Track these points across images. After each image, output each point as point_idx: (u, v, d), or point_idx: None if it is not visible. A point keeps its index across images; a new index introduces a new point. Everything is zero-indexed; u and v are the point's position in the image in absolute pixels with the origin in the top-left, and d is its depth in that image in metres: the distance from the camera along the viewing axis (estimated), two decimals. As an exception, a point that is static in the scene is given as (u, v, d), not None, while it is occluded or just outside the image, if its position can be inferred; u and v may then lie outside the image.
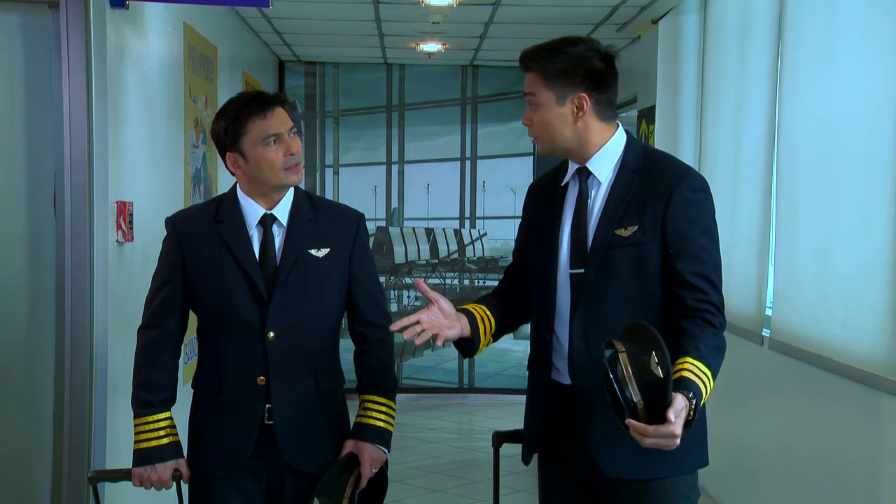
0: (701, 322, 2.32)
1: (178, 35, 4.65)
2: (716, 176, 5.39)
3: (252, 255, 2.65)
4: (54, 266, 3.50)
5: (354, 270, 2.74)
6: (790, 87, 4.34)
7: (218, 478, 2.69)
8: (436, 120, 8.21)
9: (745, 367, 4.82)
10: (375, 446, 2.71)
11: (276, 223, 2.68)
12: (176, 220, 2.78)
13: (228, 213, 2.69)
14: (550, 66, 2.40)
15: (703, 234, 2.39)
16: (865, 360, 3.55)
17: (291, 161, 2.62)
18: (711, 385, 2.25)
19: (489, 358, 8.10)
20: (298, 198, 2.73)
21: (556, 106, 2.41)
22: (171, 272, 2.71)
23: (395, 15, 6.17)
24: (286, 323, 2.64)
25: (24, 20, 3.49)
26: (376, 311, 2.79)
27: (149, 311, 2.75)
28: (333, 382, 2.75)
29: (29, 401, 3.53)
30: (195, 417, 2.76)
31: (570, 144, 2.45)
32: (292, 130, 2.65)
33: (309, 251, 2.68)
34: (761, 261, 4.68)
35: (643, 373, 2.14)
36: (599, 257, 2.40)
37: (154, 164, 4.31)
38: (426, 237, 8.25)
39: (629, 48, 6.99)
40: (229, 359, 2.67)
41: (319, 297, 2.69)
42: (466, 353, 2.59)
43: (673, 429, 2.09)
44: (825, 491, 3.88)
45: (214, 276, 2.66)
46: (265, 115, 2.61)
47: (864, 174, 3.62)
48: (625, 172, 2.44)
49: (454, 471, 6.07)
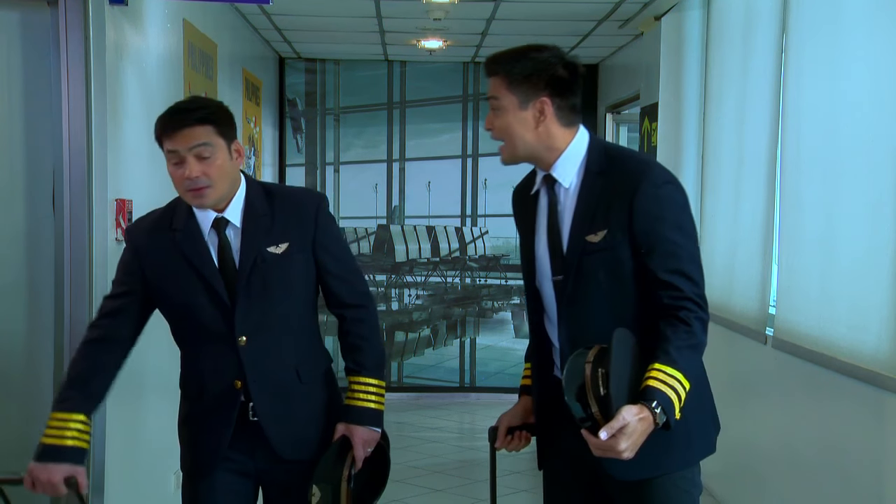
0: (674, 321, 2.32)
1: (178, 32, 4.63)
2: (719, 173, 5.37)
3: (210, 263, 2.60)
4: (53, 264, 3.49)
5: (321, 258, 2.67)
6: (794, 84, 4.32)
7: (202, 476, 2.68)
8: (437, 117, 8.19)
9: (749, 366, 4.80)
10: (366, 428, 2.68)
11: (229, 226, 2.62)
12: (132, 232, 2.74)
13: (182, 221, 2.64)
14: (515, 70, 2.42)
15: (673, 228, 2.37)
16: (870, 359, 3.53)
17: (190, 185, 2.54)
18: (685, 385, 2.28)
19: (490, 357, 8.09)
20: (252, 194, 2.65)
21: (518, 110, 2.43)
22: (129, 283, 2.66)
23: (396, 11, 6.15)
24: (255, 326, 2.61)
25: (22, 17, 3.48)
26: (352, 293, 2.73)
27: (103, 310, 2.70)
28: (317, 370, 2.73)
29: (28, 398, 3.53)
30: (182, 417, 2.76)
31: (532, 150, 2.46)
32: (200, 149, 2.52)
33: (267, 249, 2.61)
34: (765, 259, 4.66)
35: (596, 386, 2.23)
36: (575, 265, 2.42)
37: (153, 161, 4.28)
38: (427, 235, 8.23)
39: (632, 45, 6.97)
40: (205, 365, 2.65)
41: (285, 295, 2.64)
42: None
43: (606, 444, 2.19)
44: (829, 490, 3.86)
45: (176, 288, 2.62)
46: (172, 132, 2.55)
47: (868, 171, 3.60)
48: (589, 176, 2.44)
49: (455, 470, 6.06)
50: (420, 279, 8.14)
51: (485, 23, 6.49)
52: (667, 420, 2.24)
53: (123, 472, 3.80)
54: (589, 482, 2.54)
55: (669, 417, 2.24)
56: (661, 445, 2.35)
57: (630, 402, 2.24)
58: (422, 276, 8.16)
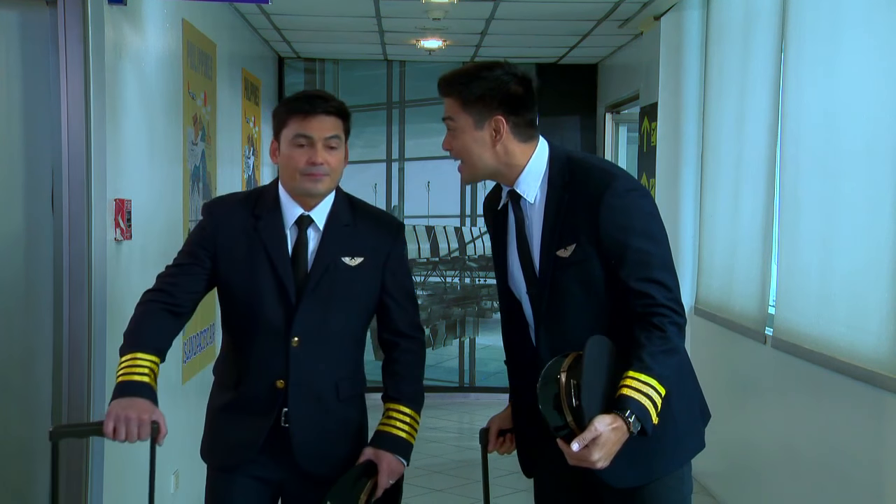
0: (649, 327, 2.32)
1: (177, 32, 4.63)
2: (719, 173, 5.37)
3: (286, 257, 2.60)
4: (52, 264, 3.48)
5: (387, 282, 2.68)
6: (793, 84, 4.32)
7: (226, 471, 2.65)
8: (437, 117, 8.09)
9: (748, 365, 4.80)
10: (395, 457, 2.65)
11: (312, 226, 2.63)
12: (214, 206, 2.73)
13: (267, 209, 2.63)
14: (467, 91, 2.42)
15: (641, 236, 2.37)
16: (869, 359, 3.53)
17: (312, 170, 2.56)
18: (660, 390, 2.28)
19: (490, 357, 8.09)
20: (338, 201, 2.68)
21: (474, 130, 2.43)
22: (199, 254, 2.62)
23: (395, 11, 6.15)
24: (311, 330, 2.59)
25: (21, 17, 3.47)
26: (407, 322, 2.72)
27: (164, 278, 2.63)
28: (354, 390, 2.71)
29: (27, 399, 3.52)
30: (212, 403, 2.72)
31: (493, 168, 2.47)
32: (331, 140, 2.58)
33: (342, 259, 2.62)
34: (764, 258, 4.66)
35: (569, 396, 2.24)
36: (548, 280, 2.43)
37: (153, 161, 4.29)
38: (427, 235, 8.23)
39: (631, 45, 6.97)
40: (250, 357, 2.62)
41: (347, 307, 2.64)
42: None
43: (580, 454, 2.20)
44: (829, 490, 3.86)
45: (245, 273, 2.60)
46: (307, 116, 2.57)
47: (867, 171, 3.59)
48: (554, 190, 2.44)
49: (454, 470, 6.06)
50: (419, 279, 8.14)
51: (484, 23, 6.48)
52: (642, 427, 2.24)
53: (123, 473, 3.80)
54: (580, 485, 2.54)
55: (645, 425, 2.24)
56: (653, 451, 2.37)
57: (604, 410, 2.24)
58: (421, 276, 8.16)
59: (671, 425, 2.40)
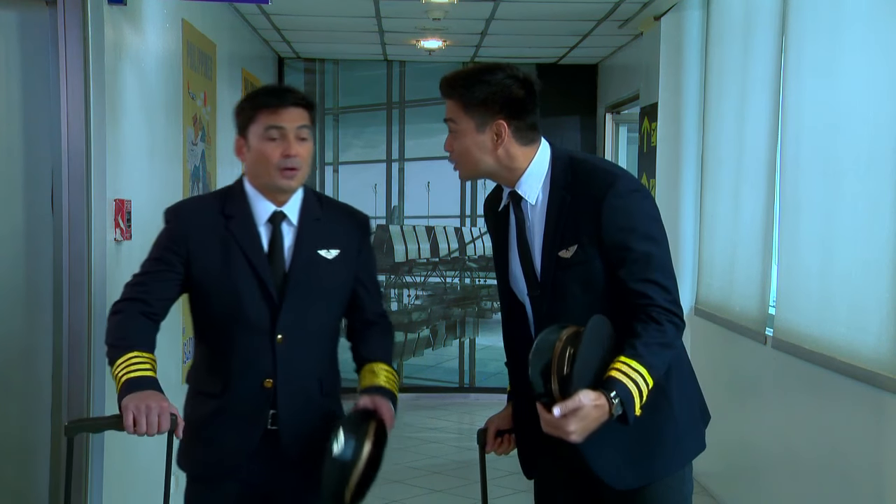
0: (646, 319, 2.32)
1: (177, 32, 4.63)
2: (719, 173, 5.37)
3: (263, 255, 2.59)
4: (52, 264, 3.49)
5: (360, 272, 2.72)
6: (794, 84, 4.32)
7: (211, 481, 2.62)
8: (437, 117, 8.17)
9: (748, 366, 4.80)
10: (390, 405, 2.63)
11: (285, 221, 2.63)
12: (179, 209, 2.70)
13: (237, 208, 2.62)
14: (469, 95, 2.40)
15: (642, 238, 2.37)
16: (869, 359, 3.53)
17: (287, 163, 2.55)
18: (648, 380, 2.27)
19: (490, 357, 8.09)
20: (307, 196, 2.68)
21: (476, 133, 2.42)
22: (170, 259, 2.58)
23: (395, 11, 6.15)
24: (295, 325, 2.59)
25: (21, 17, 3.48)
26: (376, 310, 2.79)
27: (134, 287, 2.60)
28: (334, 386, 2.73)
29: (27, 399, 3.52)
30: (193, 414, 2.65)
31: (493, 170, 2.47)
32: (302, 131, 2.56)
33: (318, 252, 2.63)
34: (764, 259, 4.66)
35: (561, 363, 2.23)
36: (550, 281, 2.43)
37: (152, 161, 4.29)
38: (426, 235, 8.22)
39: (631, 45, 6.96)
40: (235, 360, 2.59)
41: (327, 300, 2.65)
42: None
43: (557, 421, 2.18)
44: (829, 490, 3.86)
45: (222, 274, 2.57)
46: (277, 108, 2.55)
47: (868, 172, 3.59)
48: (556, 191, 2.43)
49: (454, 471, 6.05)
50: (419, 279, 8.14)
51: (484, 23, 6.48)
52: (624, 413, 2.23)
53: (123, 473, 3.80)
54: (580, 486, 2.54)
55: (627, 411, 2.24)
56: (653, 452, 2.37)
57: (591, 388, 2.24)
58: (421, 277, 8.16)
59: (672, 426, 2.40)
